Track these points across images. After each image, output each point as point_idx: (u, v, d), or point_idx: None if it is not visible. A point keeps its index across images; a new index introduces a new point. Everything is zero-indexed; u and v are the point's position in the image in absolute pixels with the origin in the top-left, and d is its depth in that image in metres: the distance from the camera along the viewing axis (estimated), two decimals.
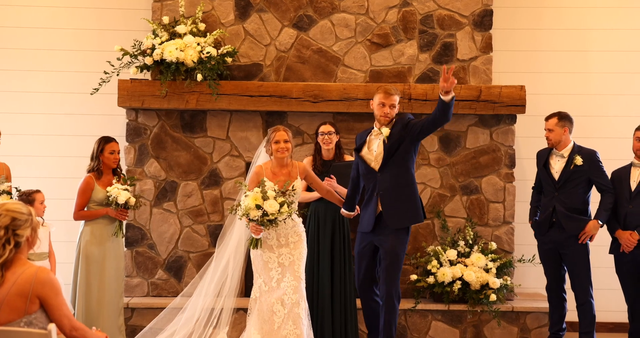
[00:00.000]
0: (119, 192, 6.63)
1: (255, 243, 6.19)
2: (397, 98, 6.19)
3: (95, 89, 7.28)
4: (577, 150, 6.74)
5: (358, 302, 7.06)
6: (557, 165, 6.78)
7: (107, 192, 6.70)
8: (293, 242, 6.27)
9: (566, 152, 6.75)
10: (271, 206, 5.95)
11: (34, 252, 6.51)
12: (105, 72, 7.27)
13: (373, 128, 6.28)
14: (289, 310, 6.11)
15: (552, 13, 8.12)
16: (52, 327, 3.81)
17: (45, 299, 3.87)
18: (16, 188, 6.62)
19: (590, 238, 6.72)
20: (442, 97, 5.80)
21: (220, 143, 7.63)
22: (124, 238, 6.95)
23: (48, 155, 7.96)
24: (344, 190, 6.77)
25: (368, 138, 6.27)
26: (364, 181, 6.29)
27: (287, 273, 6.17)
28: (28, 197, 6.52)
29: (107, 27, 7.99)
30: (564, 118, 6.76)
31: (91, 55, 7.93)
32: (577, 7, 8.11)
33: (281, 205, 6.01)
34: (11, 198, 6.49)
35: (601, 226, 6.65)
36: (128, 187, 6.74)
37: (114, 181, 6.81)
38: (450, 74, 5.69)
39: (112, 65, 7.29)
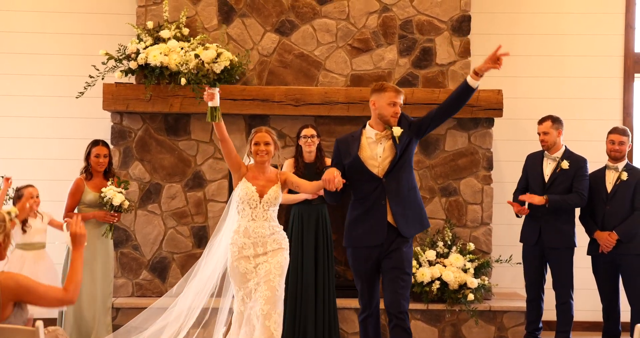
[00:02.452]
0: (114, 194, 6.72)
1: (211, 113, 5.79)
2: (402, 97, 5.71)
3: (80, 93, 7.39)
4: (567, 155, 6.90)
5: (339, 302, 7.22)
6: (547, 169, 6.96)
7: (102, 192, 6.77)
8: (272, 250, 5.78)
9: (557, 155, 6.92)
10: (207, 54, 5.94)
11: (30, 242, 6.64)
12: (91, 76, 7.38)
13: (362, 131, 5.70)
14: (261, 324, 5.57)
15: (528, 18, 8.30)
16: (39, 324, 3.89)
17: (21, 299, 3.87)
18: (14, 189, 6.76)
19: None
20: (470, 79, 5.39)
21: (204, 146, 7.76)
22: (112, 239, 7.04)
23: (34, 157, 8.05)
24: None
25: (363, 142, 5.64)
26: (357, 189, 5.61)
27: (262, 282, 5.68)
28: (18, 192, 6.65)
29: (92, 31, 8.09)
30: (556, 121, 6.94)
31: (76, 59, 8.03)
32: (552, 13, 8.29)
33: (219, 55, 6.11)
34: None
35: (545, 203, 6.75)
36: (122, 190, 6.83)
37: (109, 183, 6.86)
38: (501, 55, 5.33)
39: (97, 69, 7.39)
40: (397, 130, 5.53)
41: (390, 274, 5.48)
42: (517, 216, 7.10)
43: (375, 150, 5.57)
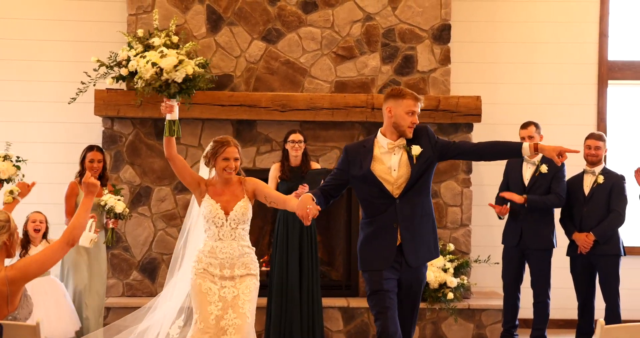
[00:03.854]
0: (116, 203, 6.87)
1: (169, 127, 5.46)
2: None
3: (72, 98, 7.58)
4: (546, 159, 7.15)
5: (324, 302, 7.47)
6: (527, 173, 7.25)
7: (101, 200, 6.88)
8: (239, 276, 5.27)
9: (537, 159, 7.21)
10: (167, 61, 5.20)
11: None
12: (83, 82, 7.58)
13: (374, 141, 5.16)
14: None
15: (506, 27, 8.57)
16: (40, 321, 4.12)
17: (33, 277, 4.15)
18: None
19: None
20: (526, 147, 4.92)
21: (193, 150, 8.00)
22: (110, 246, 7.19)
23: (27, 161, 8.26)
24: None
25: (376, 153, 5.09)
26: (367, 207, 5.11)
27: (230, 309, 5.16)
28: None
29: (85, 38, 8.29)
30: (538, 126, 7.26)
31: (69, 65, 8.22)
32: (529, 22, 8.57)
33: (181, 62, 5.29)
34: None
35: (524, 202, 7.06)
36: (121, 197, 7.00)
37: (105, 191, 6.98)
38: (570, 151, 5.02)
39: (89, 76, 7.58)
40: (417, 149, 5.00)
41: (405, 305, 5.14)
42: (499, 218, 7.37)
43: (389, 163, 5.04)
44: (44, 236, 6.91)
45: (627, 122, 8.65)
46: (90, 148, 7.17)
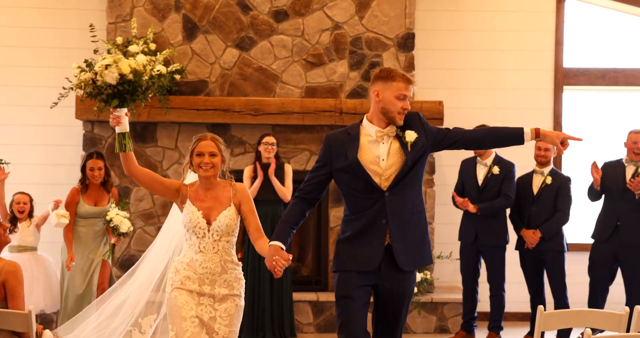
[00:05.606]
0: (121, 221, 6.94)
1: (119, 141, 4.73)
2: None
3: (54, 103, 7.89)
4: (498, 160, 7.64)
5: (295, 296, 7.86)
6: (480, 174, 7.70)
7: (107, 216, 6.94)
8: (220, 296, 4.62)
9: (489, 161, 7.67)
10: (102, 61, 4.36)
11: (22, 245, 7.18)
12: (64, 88, 7.89)
13: (360, 128, 4.54)
14: None
15: (467, 35, 9.00)
16: (31, 308, 4.52)
17: (6, 284, 4.57)
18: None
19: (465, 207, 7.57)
20: (528, 132, 4.47)
21: (170, 152, 8.38)
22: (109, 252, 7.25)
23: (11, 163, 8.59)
24: (281, 188, 7.48)
25: (362, 141, 4.48)
26: (351, 202, 4.49)
27: (203, 332, 4.55)
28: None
29: (65, 45, 8.65)
30: None
31: (50, 71, 8.57)
32: (490, 31, 9.01)
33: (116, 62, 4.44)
34: None
35: (476, 210, 7.48)
36: (127, 214, 7.08)
37: (110, 203, 7.06)
38: (573, 139, 4.61)
39: (70, 81, 7.91)
40: (411, 135, 4.44)
41: (386, 315, 4.50)
42: (454, 205, 7.74)
43: (377, 152, 4.45)
44: (30, 215, 7.31)
45: (582, 125, 9.13)
46: (90, 155, 7.18)
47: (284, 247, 4.39)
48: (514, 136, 4.48)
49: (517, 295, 8.44)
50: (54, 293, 7.22)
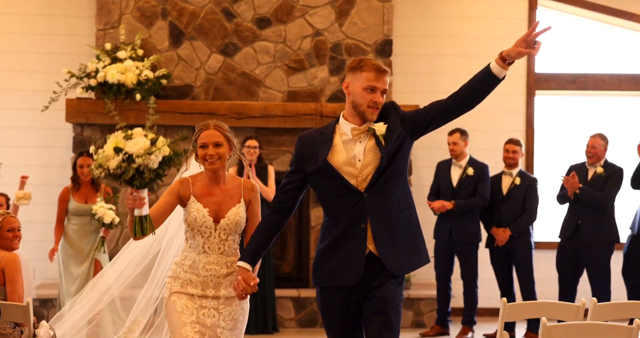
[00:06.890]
0: (105, 213, 7.06)
1: (140, 225, 4.15)
2: (388, 80, 4.04)
3: (45, 107, 8.23)
4: (472, 162, 7.99)
5: (277, 292, 8.18)
6: (455, 175, 8.05)
7: (92, 210, 7.04)
8: (225, 298, 4.30)
9: (464, 163, 8.02)
10: (136, 144, 4.00)
11: None
12: (55, 92, 8.22)
13: (335, 127, 4.09)
14: None
15: (443, 41, 9.32)
16: (29, 300, 4.85)
17: (5, 270, 4.99)
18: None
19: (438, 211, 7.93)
20: (495, 64, 4.06)
21: None
22: (106, 253, 7.32)
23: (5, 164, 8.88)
24: (264, 189, 7.73)
25: (336, 141, 4.05)
26: (328, 207, 4.09)
27: (206, 337, 4.23)
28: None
29: (56, 51, 8.93)
30: (464, 133, 8.05)
31: (41, 76, 8.84)
32: (462, 37, 9.34)
33: (153, 143, 4.05)
34: None
35: (453, 208, 7.80)
36: (113, 206, 7.17)
37: (98, 198, 7.15)
38: (540, 32, 3.82)
39: (61, 86, 8.24)
40: (380, 128, 3.98)
41: (373, 323, 3.97)
42: (435, 213, 8.12)
43: (353, 152, 4.02)
44: None
45: (553, 128, 9.51)
46: (81, 153, 7.25)
47: (250, 269, 4.11)
48: (484, 78, 4.10)
49: (488, 291, 8.76)
50: (29, 286, 7.15)
